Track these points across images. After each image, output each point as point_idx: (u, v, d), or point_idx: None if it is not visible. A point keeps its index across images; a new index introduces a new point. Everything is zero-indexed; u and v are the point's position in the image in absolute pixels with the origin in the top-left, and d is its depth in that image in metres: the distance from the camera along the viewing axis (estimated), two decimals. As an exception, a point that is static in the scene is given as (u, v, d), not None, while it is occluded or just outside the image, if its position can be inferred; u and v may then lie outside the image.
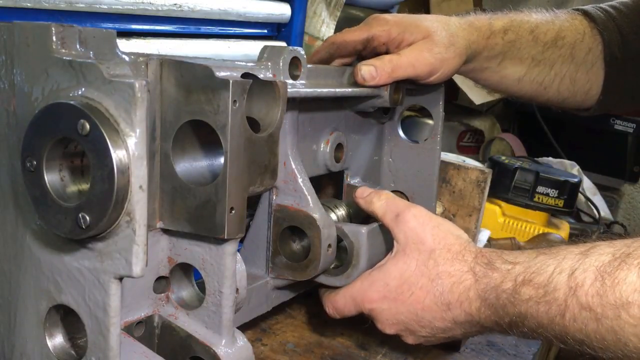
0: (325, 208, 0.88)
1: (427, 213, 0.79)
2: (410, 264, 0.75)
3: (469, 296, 0.71)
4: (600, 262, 0.62)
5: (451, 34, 0.90)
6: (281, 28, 1.10)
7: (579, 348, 0.63)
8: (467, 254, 0.74)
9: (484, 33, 0.95)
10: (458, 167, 1.03)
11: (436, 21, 0.90)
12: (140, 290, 0.65)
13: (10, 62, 0.53)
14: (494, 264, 0.71)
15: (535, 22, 1.00)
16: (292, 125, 0.80)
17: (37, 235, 0.54)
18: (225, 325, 0.63)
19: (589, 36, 1.02)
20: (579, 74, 1.02)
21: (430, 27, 0.89)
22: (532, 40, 0.99)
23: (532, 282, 0.66)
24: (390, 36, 0.89)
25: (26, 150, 0.50)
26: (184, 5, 0.89)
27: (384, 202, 0.81)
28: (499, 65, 0.99)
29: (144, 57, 0.58)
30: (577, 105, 1.08)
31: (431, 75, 0.89)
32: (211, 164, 0.63)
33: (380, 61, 0.85)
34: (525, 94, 1.05)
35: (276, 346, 0.88)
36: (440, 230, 0.76)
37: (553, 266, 0.65)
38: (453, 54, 0.90)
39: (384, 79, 0.85)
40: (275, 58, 0.73)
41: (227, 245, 0.61)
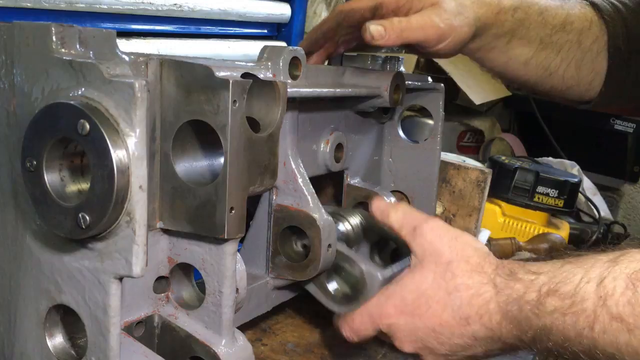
0: (338, 217, 0.87)
1: (444, 225, 0.76)
2: (427, 277, 0.71)
3: (489, 309, 0.67)
4: (632, 270, 0.58)
5: (460, 4, 0.89)
6: (281, 28, 1.11)
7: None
8: (486, 266, 0.70)
9: (493, 8, 0.93)
10: (458, 167, 1.03)
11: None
12: (140, 290, 0.65)
13: (10, 62, 0.53)
14: (516, 274, 0.67)
15: (545, 5, 0.98)
16: (292, 125, 0.80)
17: (37, 236, 0.54)
18: (225, 325, 0.63)
19: (595, 25, 1.00)
20: (585, 62, 1.01)
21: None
22: (541, 22, 0.97)
23: (557, 292, 0.62)
24: (398, 3, 0.87)
25: (26, 150, 0.50)
26: (184, 5, 0.89)
27: (401, 215, 0.78)
28: (507, 44, 0.97)
29: (144, 57, 0.58)
30: (579, 96, 1.06)
31: (440, 41, 0.88)
32: (211, 164, 0.63)
33: (389, 22, 0.84)
34: (529, 79, 1.03)
35: (276, 346, 0.88)
36: (458, 242, 0.73)
37: (580, 275, 0.61)
38: (462, 22, 0.88)
39: (393, 38, 0.83)
40: (275, 58, 0.73)
41: (227, 245, 0.61)
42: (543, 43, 0.98)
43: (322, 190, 1.05)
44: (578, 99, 1.07)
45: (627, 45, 1.00)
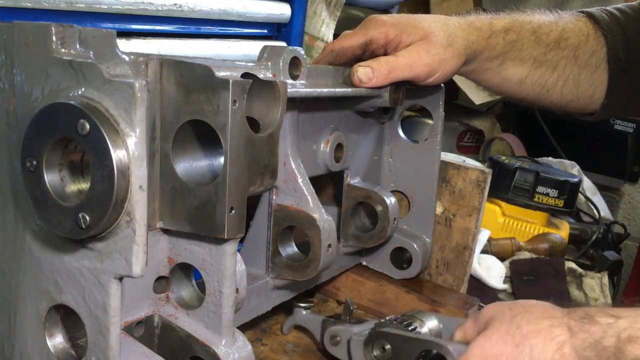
0: (414, 320, 0.82)
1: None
2: (491, 337, 0.65)
3: (564, 354, 0.61)
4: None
5: (449, 34, 0.89)
6: (281, 28, 1.10)
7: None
8: (555, 311, 0.65)
9: (484, 33, 0.94)
10: (458, 167, 1.03)
11: (434, 21, 0.89)
12: (140, 290, 0.65)
13: (10, 62, 0.53)
14: (592, 317, 0.61)
15: (538, 23, 0.98)
16: (292, 125, 0.80)
17: (37, 235, 0.54)
18: (225, 325, 0.63)
19: (592, 38, 0.99)
20: (583, 77, 1.00)
21: (428, 27, 0.88)
22: (535, 41, 0.97)
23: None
24: (387, 38, 0.88)
25: (26, 150, 0.50)
26: (184, 5, 0.89)
27: (467, 324, 0.74)
28: (500, 66, 0.97)
29: (144, 57, 0.58)
30: (580, 109, 1.05)
31: (430, 76, 0.89)
32: (211, 164, 0.63)
33: (377, 62, 0.85)
34: (527, 97, 1.03)
35: (276, 346, 0.88)
36: (518, 303, 0.69)
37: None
38: (452, 54, 0.89)
39: (381, 80, 0.84)
40: (275, 58, 0.73)
41: (227, 245, 0.61)
42: (537, 62, 0.98)
43: (322, 190, 1.05)
44: (580, 111, 1.06)
45: (628, 55, 0.99)
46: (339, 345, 0.82)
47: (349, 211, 0.96)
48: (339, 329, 0.83)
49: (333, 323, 0.84)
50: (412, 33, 0.88)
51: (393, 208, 0.94)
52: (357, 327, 0.82)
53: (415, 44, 0.87)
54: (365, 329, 0.80)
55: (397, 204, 0.96)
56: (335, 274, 1.01)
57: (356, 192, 0.95)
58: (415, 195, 1.02)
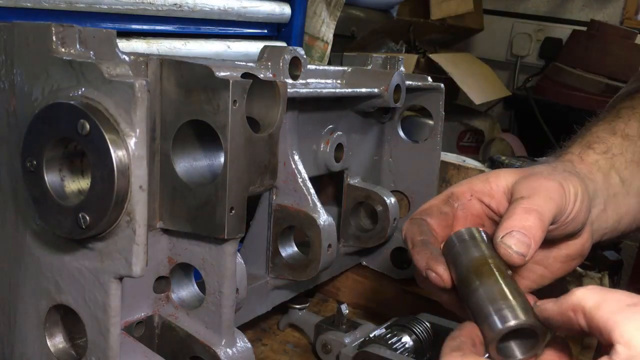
0: (404, 330, 0.80)
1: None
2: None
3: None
4: None
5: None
6: (281, 28, 1.11)
7: None
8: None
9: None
10: (458, 167, 1.03)
11: None
12: (140, 290, 0.65)
13: (10, 62, 0.53)
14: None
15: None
16: (292, 125, 0.80)
17: (37, 235, 0.54)
18: (225, 325, 0.63)
19: None
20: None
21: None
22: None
23: None
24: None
25: (26, 150, 0.50)
26: (184, 5, 0.89)
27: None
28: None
29: (144, 57, 0.58)
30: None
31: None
32: (211, 164, 0.63)
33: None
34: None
35: (276, 346, 0.88)
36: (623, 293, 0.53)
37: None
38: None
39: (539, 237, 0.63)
40: (275, 58, 0.73)
41: (227, 245, 0.61)
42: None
43: (322, 190, 1.05)
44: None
45: None
46: (330, 354, 0.83)
47: (349, 211, 0.96)
48: (331, 338, 0.83)
49: (325, 329, 0.84)
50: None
51: (393, 208, 0.94)
52: (349, 335, 0.82)
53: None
54: (356, 340, 0.81)
55: (397, 204, 0.96)
56: (335, 274, 1.01)
57: (356, 192, 0.95)
58: (415, 195, 1.02)
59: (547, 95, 2.65)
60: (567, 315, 0.53)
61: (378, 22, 1.92)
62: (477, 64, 2.53)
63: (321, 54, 1.37)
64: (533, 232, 0.61)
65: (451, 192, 0.70)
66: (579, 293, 0.52)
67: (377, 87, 0.88)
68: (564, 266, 0.73)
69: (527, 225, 0.61)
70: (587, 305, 0.51)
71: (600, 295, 0.52)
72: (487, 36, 3.06)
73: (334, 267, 0.95)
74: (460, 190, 0.69)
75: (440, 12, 2.30)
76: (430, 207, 0.70)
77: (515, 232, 0.61)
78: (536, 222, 0.61)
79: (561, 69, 2.75)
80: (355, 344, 0.81)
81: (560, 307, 0.54)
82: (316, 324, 0.87)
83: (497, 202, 0.68)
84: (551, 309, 0.55)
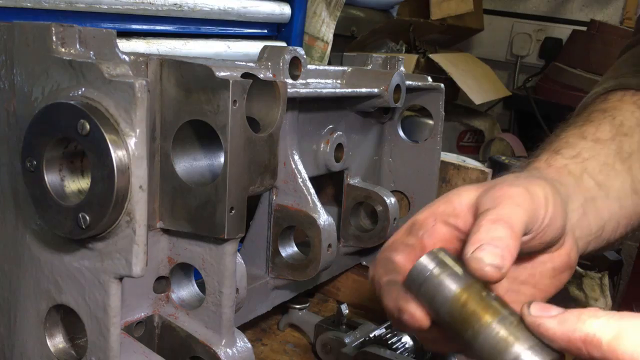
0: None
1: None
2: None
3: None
4: None
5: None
6: (281, 28, 1.10)
7: None
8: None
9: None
10: (458, 167, 1.03)
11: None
12: (140, 290, 0.65)
13: (10, 62, 0.53)
14: None
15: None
16: (292, 125, 0.80)
17: (37, 235, 0.54)
18: (225, 325, 0.63)
19: None
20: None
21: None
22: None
23: None
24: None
25: (26, 150, 0.50)
26: (184, 5, 0.89)
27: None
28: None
29: (144, 57, 0.58)
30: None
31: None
32: (211, 164, 0.63)
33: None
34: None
35: (276, 346, 0.88)
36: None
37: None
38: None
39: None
40: (275, 58, 0.73)
41: (227, 245, 0.61)
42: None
43: (322, 190, 1.05)
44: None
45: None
46: (330, 354, 0.83)
47: (349, 211, 0.96)
48: (331, 339, 0.83)
49: (325, 329, 0.84)
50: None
51: (393, 208, 0.94)
52: (349, 335, 0.82)
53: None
54: (356, 340, 0.81)
55: (397, 204, 0.96)
56: (335, 274, 1.01)
57: (356, 192, 0.95)
58: (415, 195, 1.02)
59: (547, 95, 2.65)
60: (576, 345, 0.48)
61: (378, 22, 1.92)
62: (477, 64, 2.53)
63: (321, 54, 1.37)
64: (504, 242, 0.54)
65: (413, 221, 0.63)
66: (593, 325, 0.48)
67: (377, 87, 0.88)
68: (554, 282, 0.67)
69: (496, 236, 0.55)
70: (605, 339, 0.47)
71: (617, 325, 0.47)
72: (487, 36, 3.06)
73: (334, 267, 0.95)
74: (422, 217, 0.62)
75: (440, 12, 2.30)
76: (394, 242, 0.64)
77: (485, 245, 0.54)
78: (506, 232, 0.55)
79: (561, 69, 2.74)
80: (355, 344, 0.81)
81: (567, 335, 0.49)
82: (316, 324, 0.87)
83: (464, 220, 0.62)
84: (554, 331, 0.50)
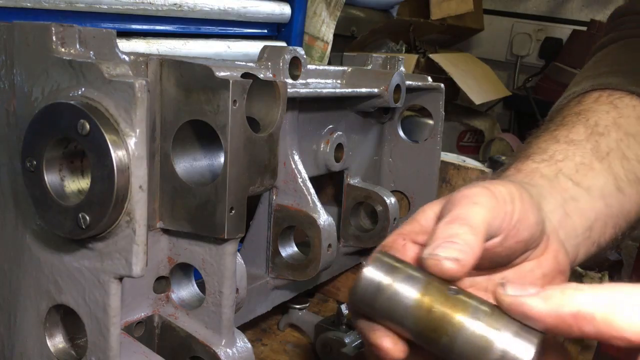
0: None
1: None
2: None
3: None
4: None
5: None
6: (281, 28, 1.11)
7: None
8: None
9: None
10: (458, 167, 1.03)
11: None
12: (140, 290, 0.65)
13: (10, 62, 0.53)
14: None
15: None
16: (292, 125, 0.80)
17: (37, 235, 0.54)
18: (225, 325, 0.63)
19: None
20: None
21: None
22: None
23: None
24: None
25: (26, 150, 0.50)
26: (184, 5, 0.89)
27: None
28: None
29: (144, 57, 0.58)
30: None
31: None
32: (211, 164, 0.63)
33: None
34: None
35: (276, 346, 0.88)
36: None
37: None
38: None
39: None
40: (275, 58, 0.73)
41: (227, 245, 0.61)
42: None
43: (322, 190, 1.05)
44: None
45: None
46: (330, 354, 0.83)
47: (349, 211, 0.96)
48: (331, 339, 0.83)
49: (325, 329, 0.84)
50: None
51: (393, 208, 0.94)
52: (349, 335, 0.82)
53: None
54: (356, 340, 0.81)
55: (397, 204, 0.96)
56: (335, 274, 1.01)
57: (356, 192, 0.95)
58: (415, 195, 1.02)
59: (547, 95, 2.65)
60: (566, 322, 0.46)
61: (378, 22, 1.92)
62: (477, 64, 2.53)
63: (321, 54, 1.37)
64: (462, 237, 0.51)
65: (382, 246, 0.60)
66: (582, 299, 0.46)
67: (377, 87, 0.88)
68: None
69: (452, 233, 0.52)
70: (598, 313, 0.45)
71: (608, 297, 0.45)
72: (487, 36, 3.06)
73: (334, 267, 0.95)
74: (391, 240, 0.60)
75: (440, 12, 2.30)
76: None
77: (440, 241, 0.51)
78: (463, 228, 0.52)
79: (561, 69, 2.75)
80: (355, 344, 0.81)
81: (555, 312, 0.47)
82: (316, 324, 0.87)
83: None
84: (539, 309, 0.47)
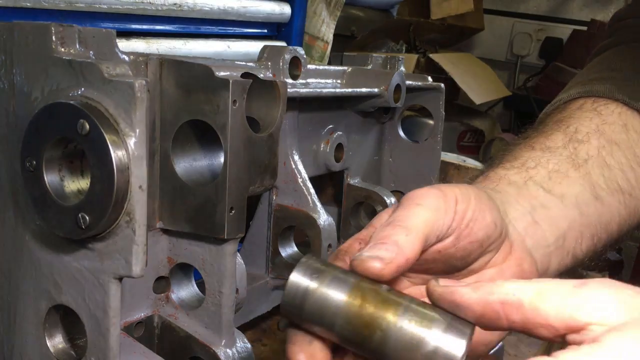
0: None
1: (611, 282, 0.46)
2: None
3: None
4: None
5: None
6: (281, 28, 1.11)
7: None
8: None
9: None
10: (458, 167, 1.03)
11: None
12: (140, 290, 0.65)
13: (10, 62, 0.53)
14: None
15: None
16: (292, 125, 0.80)
17: (37, 236, 0.54)
18: (225, 325, 0.63)
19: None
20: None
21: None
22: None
23: None
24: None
25: (26, 150, 0.50)
26: (183, 5, 0.89)
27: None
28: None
29: (143, 57, 0.58)
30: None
31: None
32: (211, 164, 0.63)
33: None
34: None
35: (276, 346, 0.88)
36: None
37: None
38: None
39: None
40: (275, 58, 0.73)
41: (227, 245, 0.61)
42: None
43: (322, 190, 1.05)
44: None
45: None
46: None
47: (349, 211, 0.96)
48: None
49: None
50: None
51: (393, 208, 0.94)
52: None
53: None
54: None
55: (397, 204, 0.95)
56: (335, 274, 1.01)
57: (356, 192, 0.95)
58: (415, 195, 1.02)
59: (547, 95, 2.65)
60: (494, 309, 0.45)
61: (378, 22, 1.92)
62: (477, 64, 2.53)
63: (321, 53, 1.37)
64: (392, 238, 0.50)
65: (338, 251, 0.59)
66: (511, 287, 0.45)
67: (377, 87, 0.88)
68: None
69: (385, 235, 0.51)
70: (526, 298, 0.44)
71: (536, 285, 0.45)
72: (487, 36, 3.06)
73: (334, 267, 0.95)
74: (347, 245, 0.59)
75: (441, 12, 2.31)
76: None
77: (372, 244, 0.50)
78: (395, 230, 0.51)
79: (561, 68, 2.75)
80: None
81: (484, 299, 0.46)
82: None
83: None
84: (469, 296, 0.46)
